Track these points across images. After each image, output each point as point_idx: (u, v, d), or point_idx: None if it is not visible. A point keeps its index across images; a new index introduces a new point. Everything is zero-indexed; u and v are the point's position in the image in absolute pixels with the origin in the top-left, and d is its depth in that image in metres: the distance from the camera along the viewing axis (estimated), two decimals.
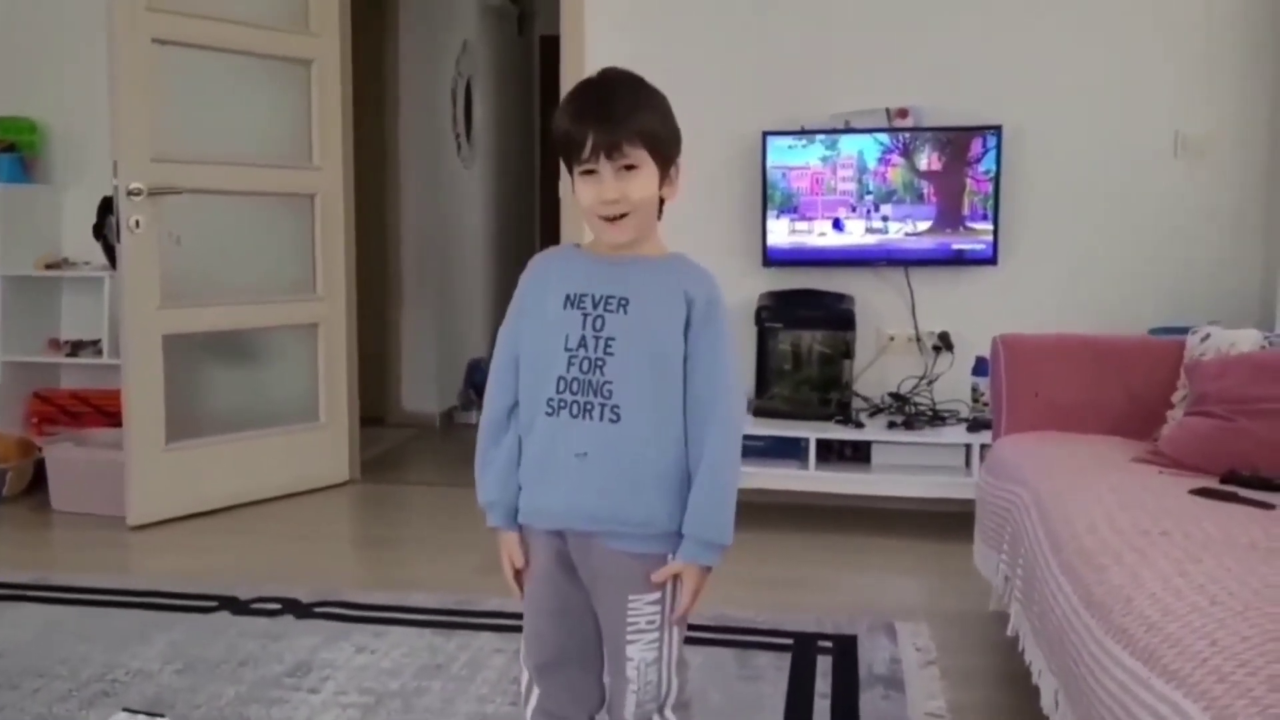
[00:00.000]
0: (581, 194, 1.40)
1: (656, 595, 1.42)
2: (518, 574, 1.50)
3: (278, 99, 3.92)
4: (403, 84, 5.27)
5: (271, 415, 3.93)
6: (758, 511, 3.37)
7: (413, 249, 5.38)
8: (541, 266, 1.50)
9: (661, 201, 1.44)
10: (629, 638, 1.44)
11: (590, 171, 1.37)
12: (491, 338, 1.54)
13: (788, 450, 3.43)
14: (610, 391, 1.39)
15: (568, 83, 3.71)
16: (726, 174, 3.69)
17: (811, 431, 3.38)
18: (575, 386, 1.40)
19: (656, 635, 1.44)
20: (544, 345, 1.43)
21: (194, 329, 3.64)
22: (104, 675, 2.24)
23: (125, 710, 1.81)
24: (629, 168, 1.37)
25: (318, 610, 2.63)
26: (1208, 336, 2.47)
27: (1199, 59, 3.47)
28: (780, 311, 3.55)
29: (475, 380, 5.45)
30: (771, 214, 3.58)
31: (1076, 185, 3.55)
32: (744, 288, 3.59)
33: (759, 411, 3.50)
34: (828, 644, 2.43)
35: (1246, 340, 2.39)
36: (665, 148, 1.40)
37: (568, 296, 1.42)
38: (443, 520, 3.67)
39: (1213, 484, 1.98)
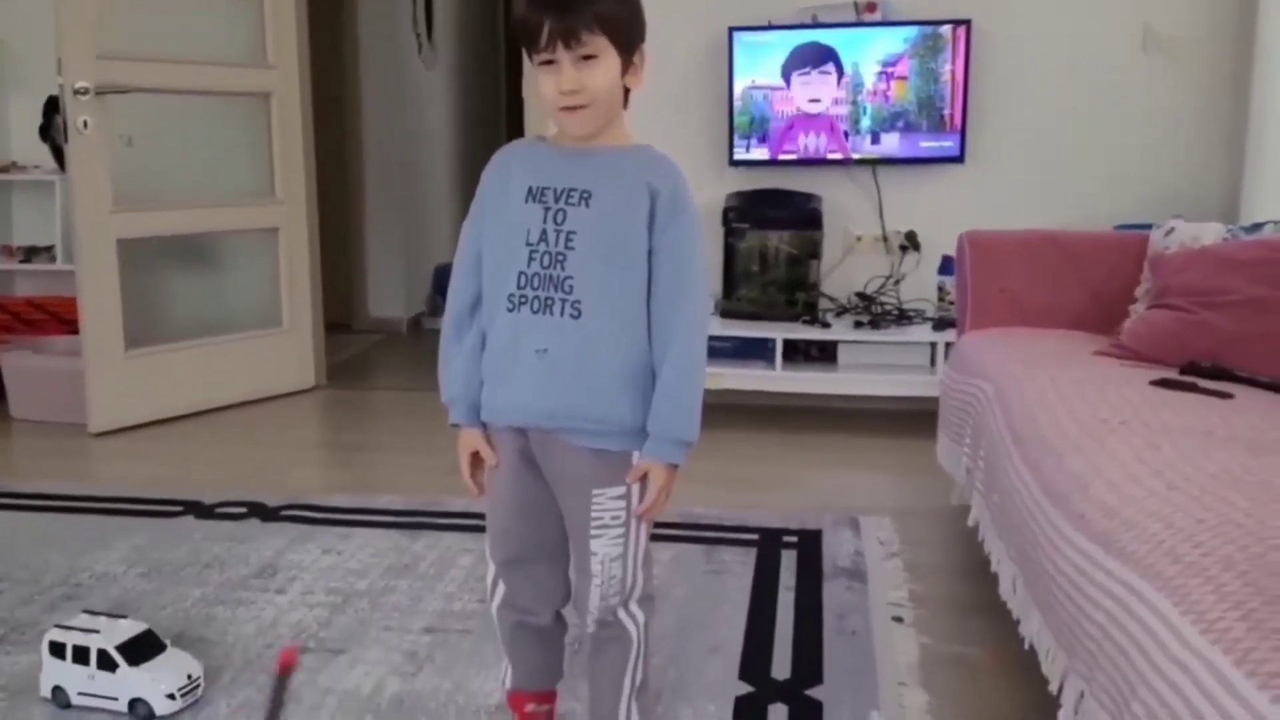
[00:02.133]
0: (541, 85, 1.34)
1: (620, 490, 1.42)
2: (475, 473, 1.50)
3: None
4: None
5: (234, 321, 3.88)
6: (724, 412, 3.38)
7: (374, 152, 5.27)
8: (504, 160, 1.46)
9: (627, 91, 1.39)
10: (593, 533, 1.43)
11: (549, 61, 1.32)
12: (457, 241, 1.50)
13: (754, 351, 3.43)
14: (571, 287, 1.36)
15: None
16: (691, 72, 3.61)
17: (778, 332, 3.38)
18: (536, 282, 1.37)
19: (621, 531, 1.44)
20: (505, 240, 1.40)
21: (149, 232, 3.56)
22: (66, 580, 2.23)
23: (86, 612, 1.79)
24: (588, 57, 1.31)
25: (284, 514, 2.63)
26: (1171, 231, 2.46)
27: None
28: (747, 212, 3.51)
29: (441, 285, 5.38)
30: (739, 137, 3.53)
31: (1045, 83, 3.50)
32: (710, 188, 3.54)
33: (726, 313, 3.48)
34: (792, 539, 2.45)
35: (1209, 234, 2.39)
36: (627, 34, 1.35)
37: (529, 190, 1.38)
38: (410, 424, 3.66)
39: (1173, 375, 2.00)
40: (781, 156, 3.55)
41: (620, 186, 1.37)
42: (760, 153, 3.55)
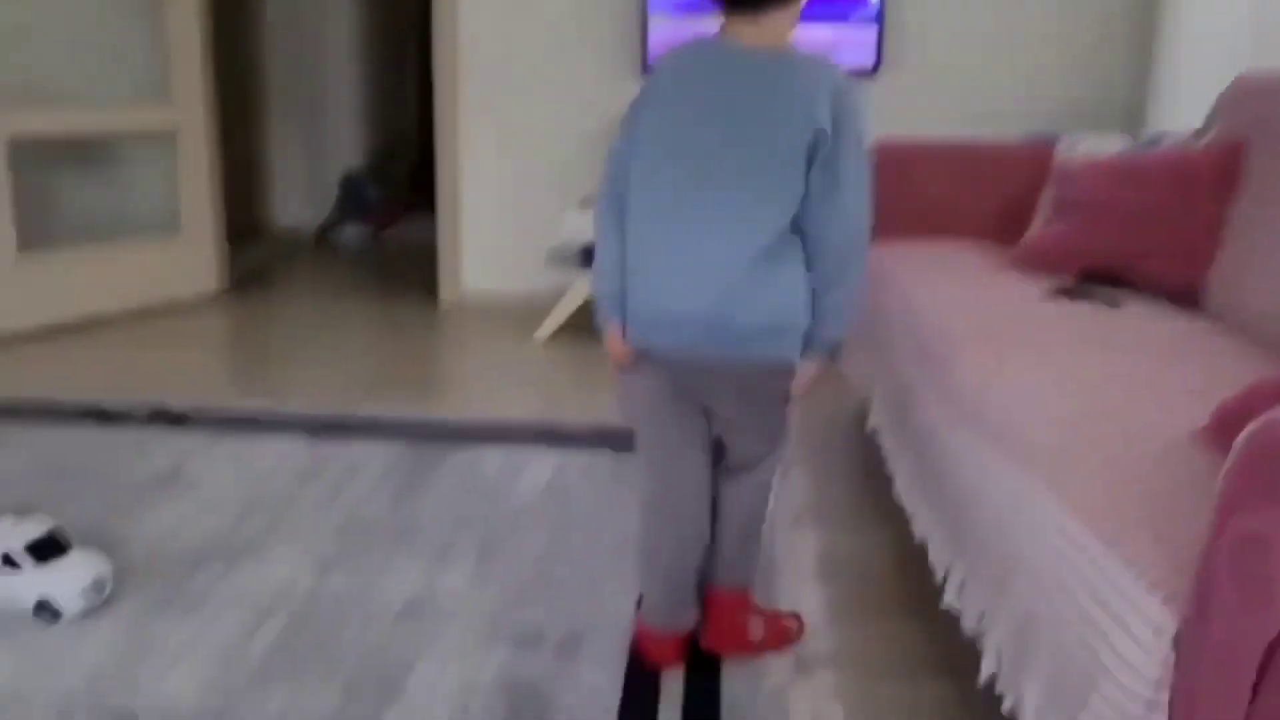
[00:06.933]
0: None
1: None
2: None
3: None
4: None
5: (133, 226, 3.74)
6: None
7: (279, 57, 5.08)
8: None
9: None
10: None
11: None
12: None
13: None
14: None
15: None
16: None
17: None
18: None
19: None
20: None
21: (38, 131, 3.39)
22: None
23: None
24: None
25: (188, 419, 2.58)
26: (1078, 142, 2.51)
27: None
28: None
29: (350, 193, 5.26)
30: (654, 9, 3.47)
31: None
32: (622, 96, 3.50)
33: None
34: None
35: (1112, 146, 2.44)
36: None
37: None
38: (317, 332, 3.60)
39: (1069, 283, 2.06)
40: None
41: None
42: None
